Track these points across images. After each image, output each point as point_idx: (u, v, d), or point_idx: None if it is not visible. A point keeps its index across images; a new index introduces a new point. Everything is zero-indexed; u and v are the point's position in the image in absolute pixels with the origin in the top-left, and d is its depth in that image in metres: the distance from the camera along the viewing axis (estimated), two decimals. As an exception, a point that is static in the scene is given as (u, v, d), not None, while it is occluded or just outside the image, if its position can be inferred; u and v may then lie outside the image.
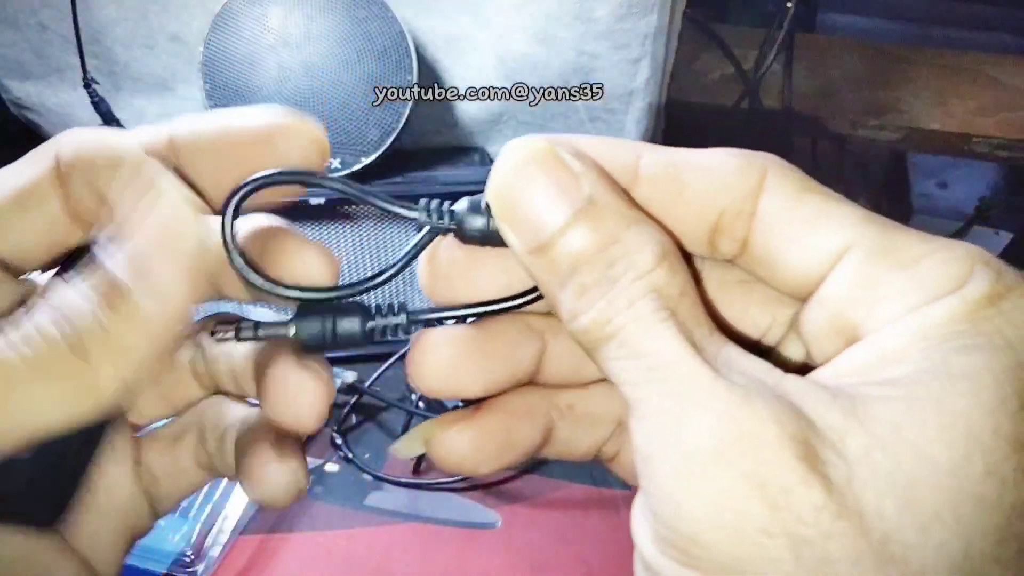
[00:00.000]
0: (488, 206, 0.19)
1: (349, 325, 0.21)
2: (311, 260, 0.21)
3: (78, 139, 0.18)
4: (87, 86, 0.77)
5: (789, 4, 0.90)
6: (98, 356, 0.16)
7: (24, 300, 0.19)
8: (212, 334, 0.21)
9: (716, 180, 0.18)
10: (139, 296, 0.17)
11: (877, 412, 0.14)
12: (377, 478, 0.59)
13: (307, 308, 0.21)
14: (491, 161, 0.75)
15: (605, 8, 0.67)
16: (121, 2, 0.76)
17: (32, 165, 0.18)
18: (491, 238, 0.19)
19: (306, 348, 0.21)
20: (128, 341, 0.17)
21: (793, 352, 0.19)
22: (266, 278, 0.20)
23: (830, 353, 0.17)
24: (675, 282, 0.17)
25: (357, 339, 0.21)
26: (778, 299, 0.19)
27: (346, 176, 0.66)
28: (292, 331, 0.20)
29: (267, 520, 0.56)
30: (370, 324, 0.21)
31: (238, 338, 0.20)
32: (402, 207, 0.22)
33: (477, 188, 0.62)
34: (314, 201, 0.64)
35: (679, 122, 0.97)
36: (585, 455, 0.23)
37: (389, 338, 0.21)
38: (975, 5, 1.52)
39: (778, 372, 0.16)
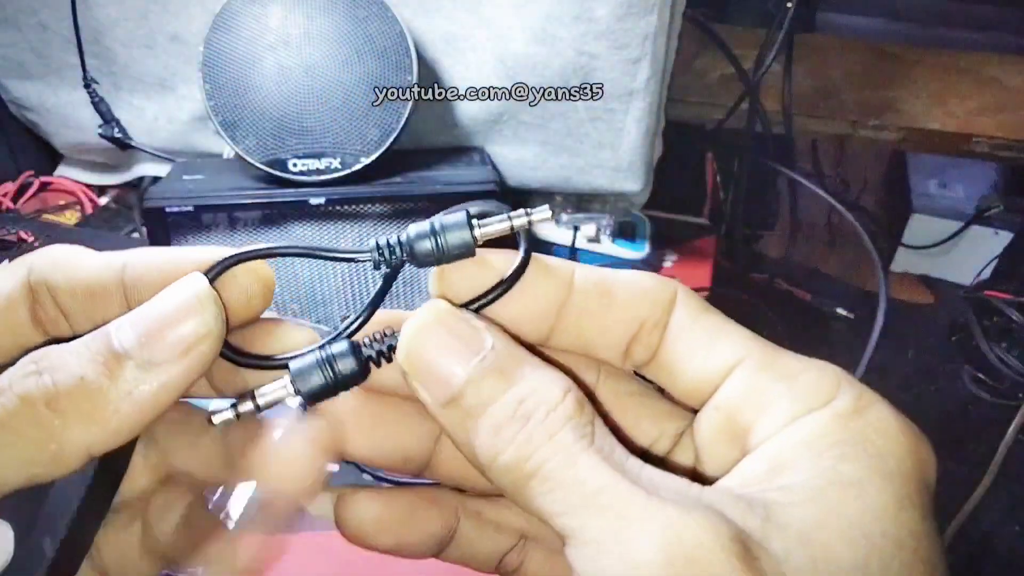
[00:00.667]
0: (436, 228, 0.20)
1: (346, 364, 0.20)
2: (286, 334, 0.22)
3: (48, 258, 0.20)
4: (87, 86, 0.77)
5: (789, 4, 0.90)
6: (74, 416, 0.16)
7: None
8: (209, 420, 0.20)
9: (639, 294, 0.20)
10: (138, 366, 0.17)
11: (788, 519, 0.16)
12: (377, 478, 0.59)
13: (298, 365, 0.21)
14: (491, 161, 0.75)
15: (605, 8, 0.67)
16: (121, 2, 0.76)
17: (8, 276, 0.20)
18: (443, 258, 0.20)
19: (313, 400, 0.20)
20: (112, 408, 0.17)
21: (681, 460, 0.21)
22: (256, 356, 0.21)
23: (721, 455, 0.19)
24: (586, 410, 0.18)
25: (357, 375, 0.21)
26: (667, 414, 0.22)
27: (346, 176, 0.66)
28: (294, 389, 0.20)
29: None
30: (365, 354, 0.21)
31: (238, 416, 0.20)
32: (353, 253, 0.22)
33: (477, 188, 0.62)
34: (314, 201, 0.64)
35: (679, 122, 0.97)
36: (487, 562, 0.23)
37: (385, 363, 0.21)
38: (975, 5, 1.52)
39: (696, 486, 0.18)
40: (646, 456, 0.18)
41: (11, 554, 0.18)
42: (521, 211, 0.21)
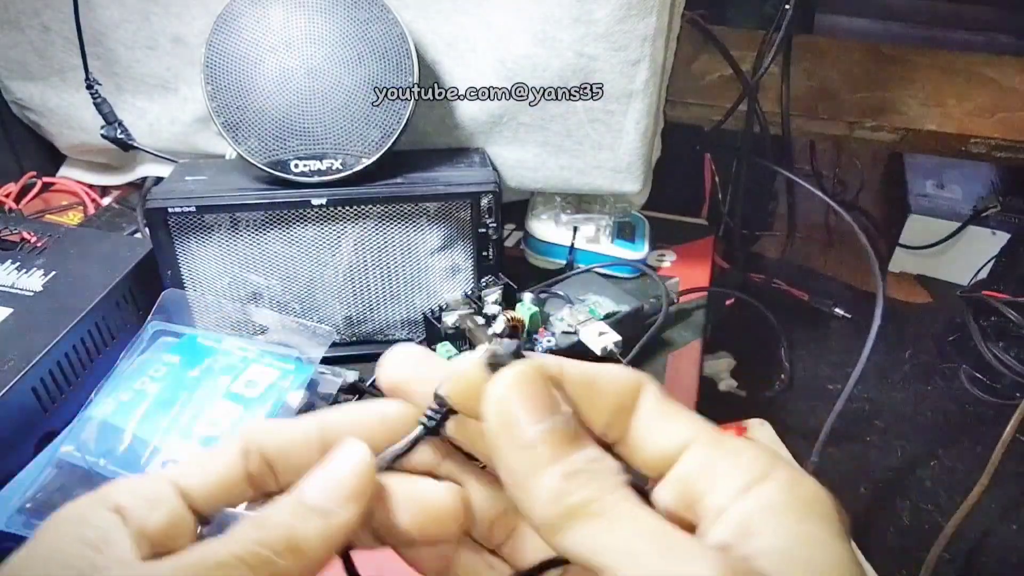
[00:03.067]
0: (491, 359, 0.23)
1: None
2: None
3: (260, 427, 0.26)
4: (89, 87, 0.77)
5: (787, 6, 0.91)
6: (287, 555, 0.22)
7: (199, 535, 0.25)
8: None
9: (616, 384, 0.24)
10: (321, 515, 0.23)
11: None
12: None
13: None
14: (491, 162, 0.76)
15: (604, 10, 0.67)
16: (123, 3, 0.76)
17: (228, 445, 0.25)
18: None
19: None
20: (310, 547, 0.23)
21: None
22: None
23: (678, 522, 0.22)
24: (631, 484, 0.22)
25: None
26: None
27: (348, 176, 0.66)
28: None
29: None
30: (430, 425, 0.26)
31: None
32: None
33: (477, 189, 0.63)
34: (316, 202, 0.65)
35: (678, 123, 0.98)
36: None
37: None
38: (972, 7, 1.53)
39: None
40: None
41: None
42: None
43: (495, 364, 0.23)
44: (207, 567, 0.21)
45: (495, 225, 0.68)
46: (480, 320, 0.62)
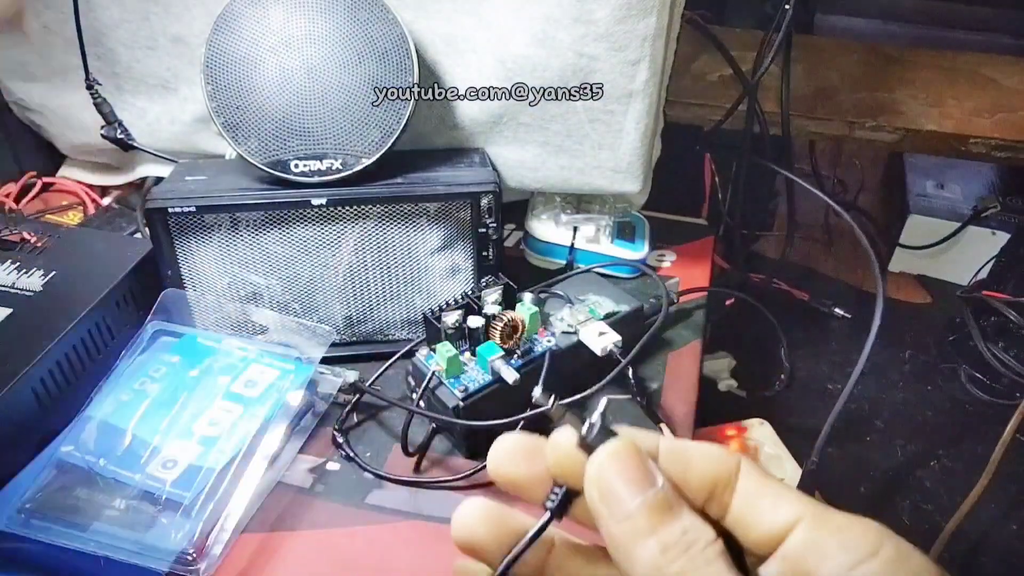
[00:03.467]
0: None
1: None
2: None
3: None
4: (90, 87, 0.77)
5: (787, 6, 0.91)
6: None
7: None
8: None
9: (712, 460, 0.24)
10: None
11: None
12: (378, 476, 0.60)
13: None
14: (491, 162, 0.76)
15: (604, 10, 0.67)
16: (123, 4, 0.76)
17: None
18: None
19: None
20: None
21: None
22: None
23: None
24: (727, 554, 0.23)
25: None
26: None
27: (348, 176, 0.66)
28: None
29: (269, 518, 0.56)
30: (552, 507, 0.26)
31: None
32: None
33: (477, 189, 0.63)
34: (316, 202, 0.65)
35: (678, 123, 0.98)
36: None
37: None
38: (972, 7, 1.53)
39: None
40: None
41: None
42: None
43: (586, 444, 0.24)
44: None
45: (495, 225, 0.68)
46: (579, 416, 0.62)
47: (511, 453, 0.26)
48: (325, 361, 0.64)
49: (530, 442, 0.26)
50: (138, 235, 0.81)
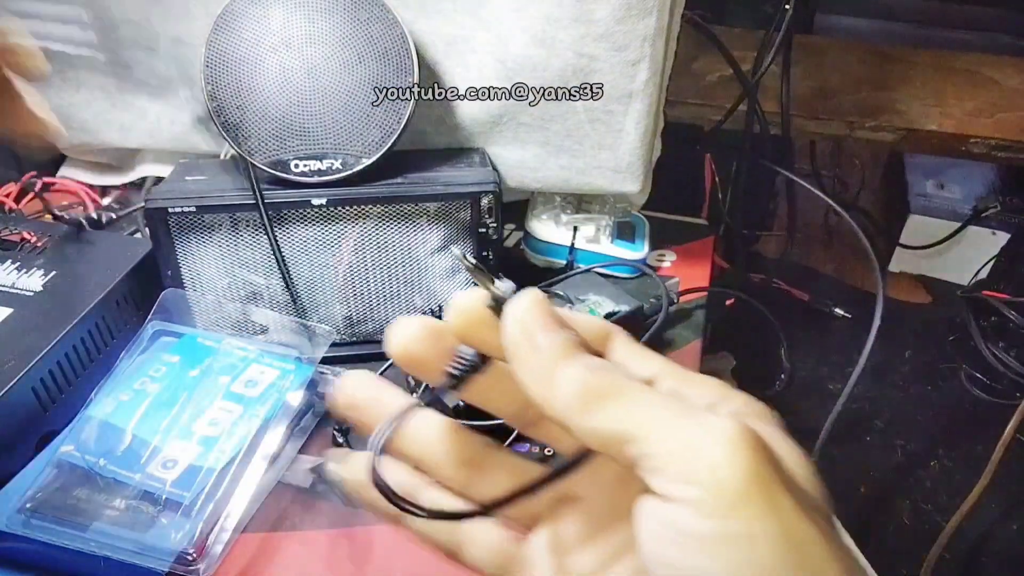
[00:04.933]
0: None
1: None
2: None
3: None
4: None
5: (787, 6, 0.91)
6: None
7: None
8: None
9: (593, 324, 0.27)
10: None
11: None
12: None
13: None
14: (491, 162, 0.76)
15: (604, 10, 0.67)
16: (123, 4, 0.76)
17: None
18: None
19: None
20: None
21: None
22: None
23: None
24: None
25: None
26: None
27: (348, 176, 0.66)
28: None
29: (269, 518, 0.56)
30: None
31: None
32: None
33: (477, 189, 0.63)
34: (316, 201, 0.65)
35: (678, 123, 0.98)
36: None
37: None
38: (972, 6, 1.53)
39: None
40: None
41: None
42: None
43: (498, 301, 0.25)
44: None
45: (495, 225, 0.68)
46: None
47: (415, 329, 0.27)
48: (325, 361, 0.64)
49: (433, 322, 0.27)
50: (138, 235, 0.81)
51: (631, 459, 0.22)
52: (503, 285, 0.26)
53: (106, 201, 0.89)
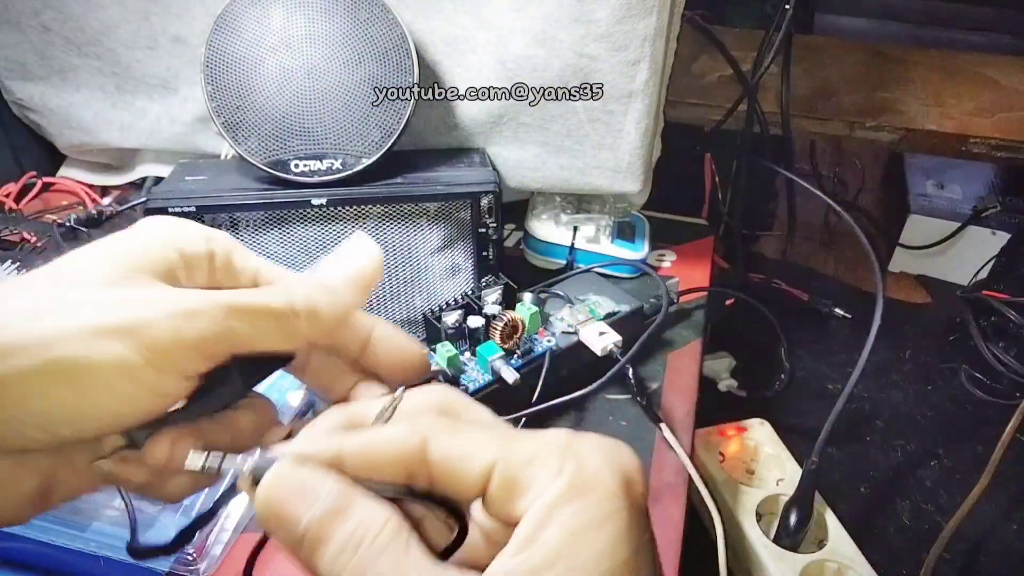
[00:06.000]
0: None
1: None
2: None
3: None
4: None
5: (787, 6, 0.91)
6: (304, 316, 0.28)
7: None
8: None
9: (395, 446, 0.25)
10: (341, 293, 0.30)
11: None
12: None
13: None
14: (491, 162, 0.76)
15: (604, 10, 0.67)
16: (123, 4, 0.76)
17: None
18: None
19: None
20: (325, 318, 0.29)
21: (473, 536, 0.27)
22: None
23: (501, 532, 0.25)
24: (403, 529, 0.24)
25: None
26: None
27: (348, 176, 0.66)
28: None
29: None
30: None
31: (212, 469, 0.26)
32: None
33: (477, 189, 0.63)
34: (316, 201, 0.65)
35: (678, 123, 0.98)
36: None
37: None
38: (972, 7, 1.53)
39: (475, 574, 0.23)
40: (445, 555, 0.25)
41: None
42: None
43: (258, 475, 0.24)
44: (247, 311, 0.26)
45: (495, 225, 0.68)
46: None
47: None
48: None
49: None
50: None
51: None
52: (258, 459, 0.25)
53: (106, 201, 0.89)
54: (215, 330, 0.26)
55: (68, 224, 0.73)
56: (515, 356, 0.62)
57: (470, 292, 0.65)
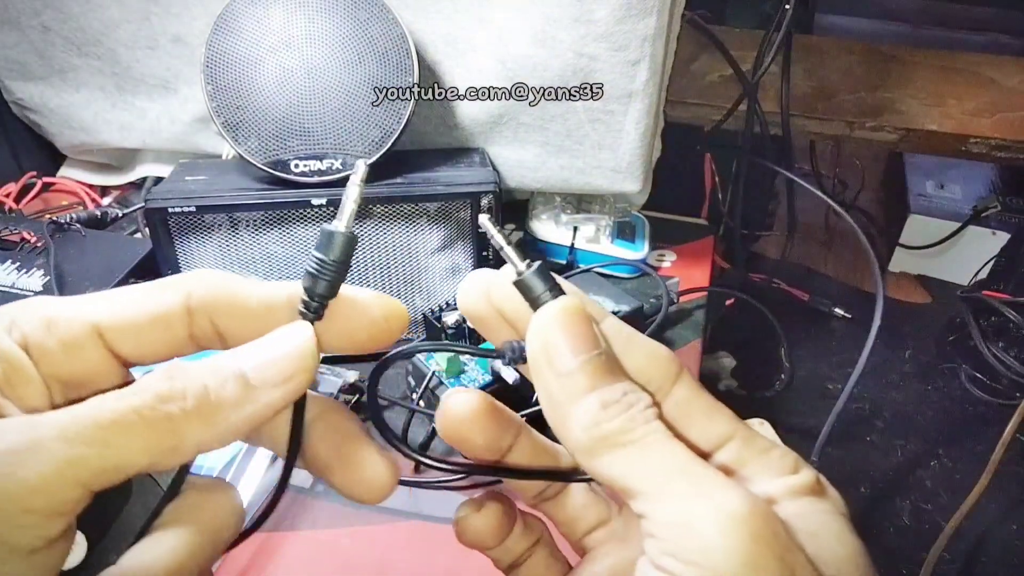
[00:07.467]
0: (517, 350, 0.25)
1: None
2: (376, 468, 0.28)
3: (208, 283, 0.23)
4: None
5: (787, 6, 0.91)
6: (195, 417, 0.20)
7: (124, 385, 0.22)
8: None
9: (653, 360, 0.24)
10: (249, 387, 0.21)
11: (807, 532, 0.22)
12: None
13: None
14: (491, 162, 0.76)
15: (604, 10, 0.67)
16: (123, 3, 0.76)
17: (167, 293, 0.23)
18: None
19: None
20: (224, 415, 0.21)
21: None
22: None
23: None
24: (664, 418, 0.23)
25: None
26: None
27: (347, 176, 0.66)
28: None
29: (269, 518, 0.56)
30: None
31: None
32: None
33: (477, 189, 0.63)
34: (316, 202, 0.65)
35: (678, 123, 0.98)
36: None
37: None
38: (972, 7, 1.53)
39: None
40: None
41: (81, 559, 0.20)
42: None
43: (523, 286, 0.24)
44: (99, 424, 0.18)
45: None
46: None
47: (478, 289, 0.26)
48: (325, 361, 0.64)
49: (498, 279, 0.26)
50: (138, 235, 0.81)
51: (636, 511, 0.22)
52: (532, 272, 0.24)
53: (106, 201, 0.89)
54: (57, 469, 0.18)
55: (65, 223, 0.73)
56: (515, 356, 0.62)
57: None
